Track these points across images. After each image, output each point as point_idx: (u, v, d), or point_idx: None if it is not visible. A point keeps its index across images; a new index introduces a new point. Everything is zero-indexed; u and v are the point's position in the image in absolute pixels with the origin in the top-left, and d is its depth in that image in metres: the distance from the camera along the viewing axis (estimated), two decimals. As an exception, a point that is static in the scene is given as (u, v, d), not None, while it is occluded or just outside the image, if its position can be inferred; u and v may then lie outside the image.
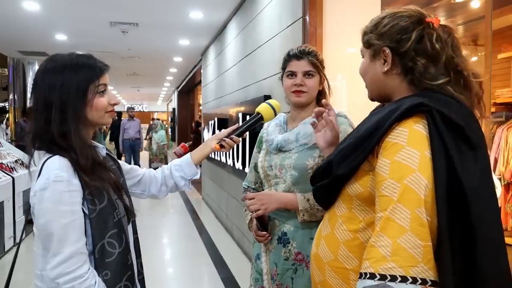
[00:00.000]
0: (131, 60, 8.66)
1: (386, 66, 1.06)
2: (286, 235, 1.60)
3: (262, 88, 3.79)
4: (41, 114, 1.14)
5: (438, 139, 0.90)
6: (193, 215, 6.61)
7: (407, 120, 0.94)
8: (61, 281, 1.07)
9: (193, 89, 13.55)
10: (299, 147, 1.60)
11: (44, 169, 1.11)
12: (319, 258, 1.13)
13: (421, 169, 0.89)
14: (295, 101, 1.64)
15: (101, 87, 1.18)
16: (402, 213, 0.87)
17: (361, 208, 1.05)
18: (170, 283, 3.94)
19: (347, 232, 1.07)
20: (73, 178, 1.10)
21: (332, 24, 2.83)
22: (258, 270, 1.70)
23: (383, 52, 1.06)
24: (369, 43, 1.10)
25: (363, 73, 1.14)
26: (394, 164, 0.92)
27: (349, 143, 1.05)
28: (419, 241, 0.85)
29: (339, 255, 1.07)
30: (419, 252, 0.84)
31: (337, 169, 1.04)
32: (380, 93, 1.12)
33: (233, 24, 5.13)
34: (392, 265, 0.85)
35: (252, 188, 1.82)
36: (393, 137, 0.94)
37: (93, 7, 4.98)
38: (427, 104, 0.93)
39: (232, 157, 4.55)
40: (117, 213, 1.16)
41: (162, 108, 25.26)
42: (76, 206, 1.10)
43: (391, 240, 0.86)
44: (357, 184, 1.03)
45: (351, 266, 1.05)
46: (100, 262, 1.13)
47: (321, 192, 1.17)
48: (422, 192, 0.88)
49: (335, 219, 1.11)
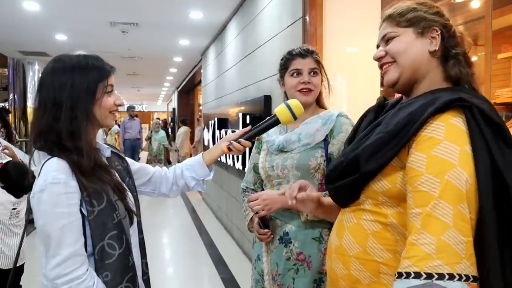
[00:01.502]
0: (131, 60, 8.66)
1: (436, 46, 1.03)
2: (287, 235, 1.60)
3: (262, 88, 3.79)
4: (49, 113, 1.14)
5: (479, 135, 0.89)
6: (193, 215, 6.61)
7: (443, 114, 0.92)
8: (59, 282, 1.08)
9: (193, 89, 13.54)
10: (301, 147, 1.59)
11: (43, 171, 1.11)
12: (344, 250, 1.07)
13: (462, 164, 0.87)
14: (303, 101, 1.54)
15: (109, 87, 1.20)
16: (444, 209, 0.85)
17: (388, 204, 1.01)
18: (170, 283, 3.94)
19: (375, 223, 1.02)
20: (71, 180, 1.11)
21: (332, 24, 2.83)
22: (258, 271, 1.70)
23: (434, 30, 1.04)
24: (417, 19, 1.05)
25: (403, 49, 1.06)
26: (431, 158, 0.89)
27: (377, 138, 1.00)
28: (462, 237, 0.83)
29: (368, 247, 1.02)
30: (462, 248, 0.83)
31: (365, 165, 0.99)
32: (415, 74, 1.06)
33: (233, 24, 5.13)
34: (438, 263, 0.82)
35: (251, 189, 1.81)
36: (429, 131, 0.92)
37: (93, 7, 4.98)
38: (467, 100, 0.92)
39: (232, 157, 4.55)
40: (117, 215, 1.16)
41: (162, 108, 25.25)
42: (73, 208, 1.10)
43: (435, 237, 0.84)
44: (385, 180, 0.99)
45: (381, 259, 1.00)
46: (100, 263, 1.13)
47: (342, 191, 1.10)
48: (464, 188, 0.86)
49: (360, 211, 1.06)
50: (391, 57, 1.07)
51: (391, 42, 1.08)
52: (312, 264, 1.55)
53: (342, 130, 1.58)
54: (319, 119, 1.61)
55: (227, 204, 5.39)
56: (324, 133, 1.58)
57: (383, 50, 1.09)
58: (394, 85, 1.09)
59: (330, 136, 1.58)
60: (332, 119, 1.60)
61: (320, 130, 1.58)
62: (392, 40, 1.07)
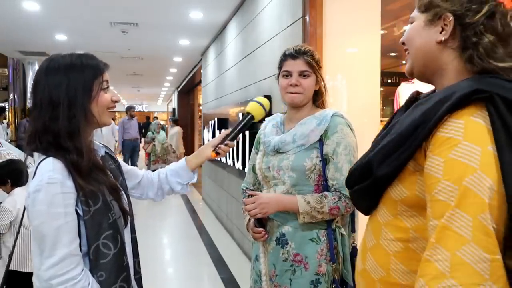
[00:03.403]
0: (131, 60, 8.66)
1: (444, 35, 0.91)
2: (284, 236, 1.60)
3: (262, 88, 3.79)
4: (45, 113, 1.13)
5: (504, 131, 0.77)
6: (193, 215, 6.61)
7: (461, 110, 0.81)
8: (54, 282, 1.08)
9: (193, 89, 13.54)
10: (296, 148, 1.58)
11: (38, 171, 1.11)
12: (368, 275, 0.98)
13: (484, 167, 0.76)
14: (290, 102, 1.62)
15: (105, 83, 1.20)
16: (461, 220, 0.74)
17: (408, 213, 0.91)
18: (170, 283, 3.94)
19: (395, 242, 0.92)
20: (67, 180, 1.10)
21: (332, 24, 2.83)
22: (256, 272, 1.70)
23: (445, 18, 0.91)
24: (430, 4, 0.94)
25: (410, 38, 0.97)
26: (449, 162, 0.78)
27: (390, 139, 0.90)
28: (484, 254, 0.72)
29: (391, 269, 0.92)
30: (485, 268, 0.71)
31: (377, 169, 0.90)
32: (426, 65, 0.96)
33: (233, 24, 5.13)
34: (452, 283, 0.72)
35: (251, 190, 1.81)
36: (445, 131, 0.81)
37: (93, 7, 4.98)
38: (486, 90, 0.80)
39: (232, 157, 4.55)
40: (112, 214, 1.16)
41: (162, 108, 25.25)
42: (69, 208, 1.10)
43: (450, 252, 0.74)
44: (402, 186, 0.89)
45: (406, 281, 0.90)
46: (95, 263, 1.13)
47: (359, 196, 1.02)
48: (486, 195, 0.74)
49: (379, 228, 0.97)
50: (405, 43, 1.00)
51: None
52: (309, 265, 1.55)
53: (336, 130, 1.56)
54: (314, 120, 1.59)
55: (227, 204, 5.39)
56: (319, 134, 1.56)
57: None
58: (411, 76, 1.01)
59: (324, 136, 1.56)
60: (326, 119, 1.58)
61: (315, 131, 1.57)
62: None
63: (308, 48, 1.63)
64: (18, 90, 9.03)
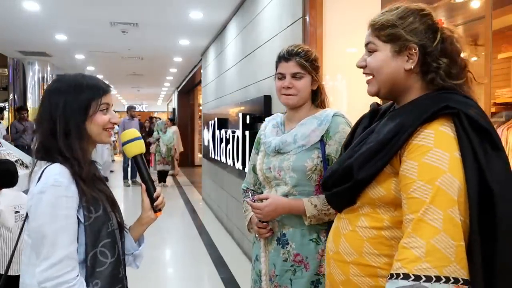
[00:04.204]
0: (131, 60, 8.65)
1: (412, 64, 1.04)
2: (285, 236, 1.60)
3: (262, 88, 3.79)
4: (46, 128, 1.22)
5: (467, 141, 0.92)
6: (193, 215, 6.61)
7: (432, 122, 0.96)
8: (48, 285, 1.09)
9: (193, 89, 13.55)
10: (297, 149, 1.58)
11: (44, 174, 1.15)
12: (341, 257, 1.11)
13: (452, 170, 0.91)
14: (284, 103, 1.64)
15: (103, 105, 1.25)
16: (434, 214, 0.89)
17: (385, 209, 1.05)
18: (170, 283, 3.94)
19: (369, 229, 1.06)
20: (72, 185, 1.15)
21: (332, 24, 2.83)
22: (256, 272, 1.70)
23: (411, 49, 1.04)
24: (395, 36, 1.05)
25: (379, 67, 1.07)
26: (422, 166, 0.93)
27: (369, 147, 1.04)
28: (451, 241, 0.87)
29: (364, 252, 1.06)
30: (452, 252, 0.86)
31: (358, 174, 1.03)
32: (392, 90, 1.09)
33: (233, 24, 5.13)
34: (426, 266, 0.86)
35: (251, 190, 1.81)
36: (419, 140, 0.95)
37: (93, 7, 4.98)
38: (454, 107, 0.94)
39: (232, 157, 4.55)
40: (111, 224, 1.20)
41: (162, 108, 25.24)
42: (71, 211, 1.13)
43: (425, 241, 0.88)
44: (380, 187, 1.03)
45: (377, 263, 1.04)
46: (91, 270, 1.15)
47: (338, 197, 1.15)
48: (455, 193, 0.90)
49: (356, 217, 1.10)
50: (370, 70, 1.10)
51: (371, 55, 1.10)
52: (310, 265, 1.55)
53: (338, 130, 1.56)
54: (315, 120, 1.59)
55: (227, 204, 5.39)
56: (320, 134, 1.56)
57: (364, 60, 1.12)
58: (375, 96, 1.13)
59: (326, 136, 1.56)
60: (327, 120, 1.58)
61: (316, 131, 1.57)
62: (372, 53, 1.09)
63: (302, 49, 1.61)
64: (18, 90, 9.03)
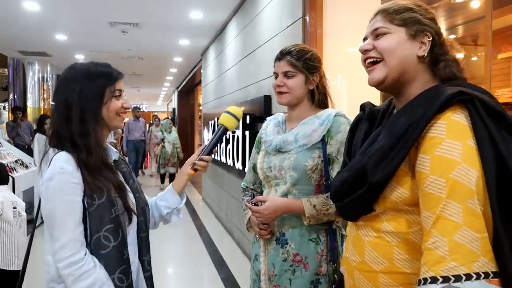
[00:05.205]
0: (131, 60, 8.66)
1: (424, 51, 1.01)
2: (284, 236, 1.60)
3: (262, 88, 3.79)
4: (61, 115, 1.28)
5: (483, 128, 0.87)
6: (193, 215, 6.61)
7: (445, 112, 0.90)
8: (60, 266, 1.18)
9: (193, 89, 13.54)
10: (298, 148, 1.58)
11: (52, 162, 1.24)
12: (368, 267, 1.03)
13: (466, 159, 0.85)
14: (278, 102, 1.66)
15: (117, 92, 1.31)
16: (453, 208, 0.84)
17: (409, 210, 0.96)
18: (170, 283, 3.94)
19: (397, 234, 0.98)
20: (76, 172, 1.22)
21: (332, 24, 2.83)
22: (256, 271, 1.70)
23: (426, 36, 1.01)
24: (412, 20, 1.02)
25: (392, 48, 1.01)
26: (435, 159, 0.88)
27: (381, 145, 0.97)
28: (475, 233, 0.81)
29: (395, 259, 0.98)
30: (477, 245, 0.81)
31: (372, 175, 0.95)
32: (402, 75, 1.02)
33: (233, 24, 5.13)
34: (453, 265, 0.81)
35: (251, 189, 1.81)
36: (432, 132, 0.90)
37: (93, 7, 4.98)
38: (468, 92, 0.90)
39: (232, 157, 4.55)
40: (115, 210, 1.25)
41: (162, 108, 25.24)
42: (77, 197, 1.21)
43: (447, 238, 0.83)
44: (401, 188, 0.95)
45: (411, 269, 0.96)
46: (96, 253, 1.22)
47: (352, 207, 1.05)
48: (472, 183, 0.84)
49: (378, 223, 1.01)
50: (379, 53, 1.03)
51: (381, 38, 1.03)
52: (309, 265, 1.55)
53: (340, 130, 1.56)
54: (316, 119, 1.60)
55: (227, 204, 5.39)
56: (321, 134, 1.57)
57: (371, 43, 1.04)
58: (379, 84, 1.04)
59: (327, 136, 1.57)
60: (329, 119, 1.58)
61: (317, 131, 1.57)
62: (382, 36, 1.03)
63: (294, 48, 1.62)
64: (18, 90, 9.03)
